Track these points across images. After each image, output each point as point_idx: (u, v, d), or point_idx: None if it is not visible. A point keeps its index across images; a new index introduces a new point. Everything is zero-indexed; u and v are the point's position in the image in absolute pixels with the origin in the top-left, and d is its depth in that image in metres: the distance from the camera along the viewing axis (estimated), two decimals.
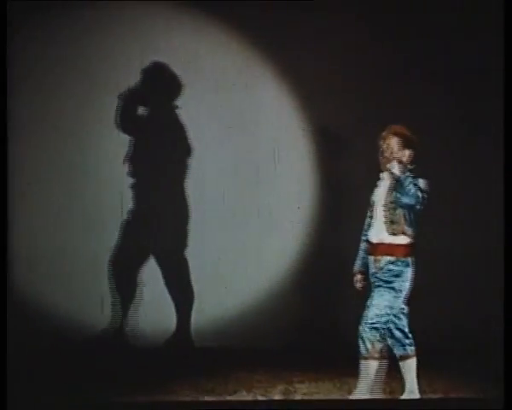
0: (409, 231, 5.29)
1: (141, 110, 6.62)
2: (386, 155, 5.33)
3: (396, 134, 5.33)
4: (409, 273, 5.30)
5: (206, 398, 5.65)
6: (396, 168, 5.27)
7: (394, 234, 5.28)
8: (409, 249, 5.30)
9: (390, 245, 5.31)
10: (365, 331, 5.28)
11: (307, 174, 6.86)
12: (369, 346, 5.30)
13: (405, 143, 5.32)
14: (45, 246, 6.61)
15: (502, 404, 4.59)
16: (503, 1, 5.07)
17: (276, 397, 5.65)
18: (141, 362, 6.41)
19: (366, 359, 5.30)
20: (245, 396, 5.74)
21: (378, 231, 5.33)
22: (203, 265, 6.72)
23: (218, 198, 6.73)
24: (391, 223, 5.29)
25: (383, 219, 5.31)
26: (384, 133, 5.36)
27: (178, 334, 6.78)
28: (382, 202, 5.33)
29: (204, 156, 6.69)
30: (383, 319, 5.27)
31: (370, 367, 5.32)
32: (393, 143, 5.32)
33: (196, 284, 6.72)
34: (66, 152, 6.61)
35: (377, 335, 5.27)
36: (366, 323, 5.27)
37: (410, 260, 5.31)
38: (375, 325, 5.27)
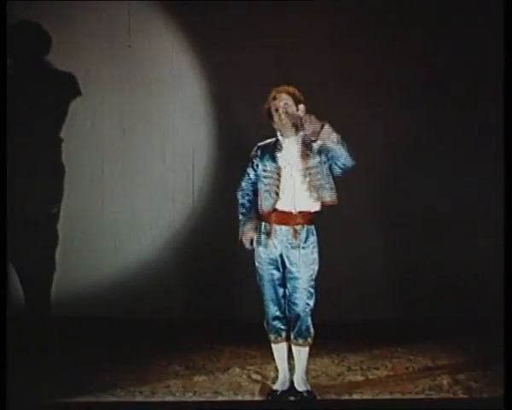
0: (334, 196, 4.83)
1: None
2: (289, 117, 4.77)
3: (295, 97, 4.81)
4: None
5: (197, 377, 5.29)
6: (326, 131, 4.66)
7: (320, 201, 4.81)
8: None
9: (309, 213, 4.83)
10: (309, 316, 4.89)
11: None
12: (312, 330, 4.94)
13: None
14: None
15: (502, 404, 4.29)
16: (503, 1, 4.77)
17: (271, 374, 5.28)
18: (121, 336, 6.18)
19: (308, 344, 4.95)
20: (238, 374, 5.38)
21: (298, 200, 4.79)
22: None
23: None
24: (317, 189, 4.77)
25: (306, 186, 4.77)
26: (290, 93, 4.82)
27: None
28: (300, 167, 4.79)
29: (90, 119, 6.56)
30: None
31: (306, 351, 4.97)
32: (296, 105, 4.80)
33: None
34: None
35: None
36: (310, 308, 4.87)
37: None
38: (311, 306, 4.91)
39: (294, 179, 4.79)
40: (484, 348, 5.84)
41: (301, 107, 4.79)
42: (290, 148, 4.82)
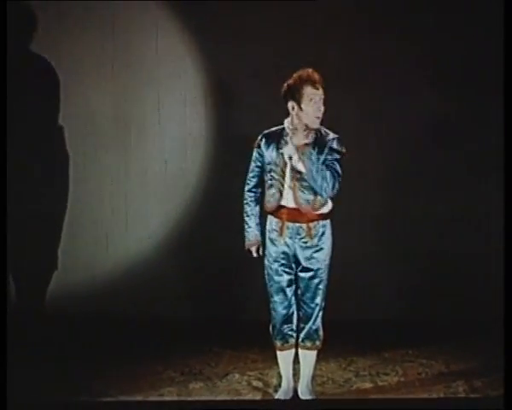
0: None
1: None
2: (317, 108, 4.38)
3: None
4: None
5: (193, 384, 4.91)
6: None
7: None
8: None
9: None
10: (320, 318, 4.57)
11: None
12: (321, 333, 4.61)
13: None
14: None
15: (502, 404, 4.09)
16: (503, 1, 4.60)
17: (274, 381, 4.91)
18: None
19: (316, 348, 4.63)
20: (238, 381, 5.01)
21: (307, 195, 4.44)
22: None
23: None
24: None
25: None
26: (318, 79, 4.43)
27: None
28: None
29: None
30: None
31: (314, 356, 4.64)
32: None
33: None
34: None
35: None
36: (322, 308, 4.56)
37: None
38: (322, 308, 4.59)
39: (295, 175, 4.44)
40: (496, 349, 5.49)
41: None
42: (296, 141, 4.40)
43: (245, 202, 4.63)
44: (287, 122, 4.46)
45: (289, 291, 4.52)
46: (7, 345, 4.20)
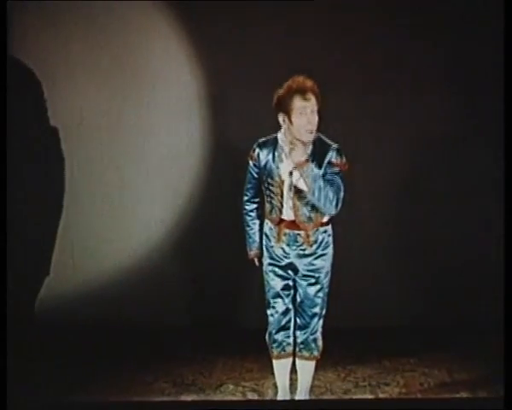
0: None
1: None
2: (307, 122, 4.13)
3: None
4: None
5: (185, 396, 4.71)
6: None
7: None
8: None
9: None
10: (319, 327, 4.40)
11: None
12: (320, 343, 4.43)
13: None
14: None
15: (502, 404, 4.03)
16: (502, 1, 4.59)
17: (269, 392, 4.73)
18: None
19: (314, 358, 4.45)
20: (232, 392, 4.80)
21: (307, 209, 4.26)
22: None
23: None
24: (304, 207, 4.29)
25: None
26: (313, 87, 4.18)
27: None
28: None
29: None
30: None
31: (312, 367, 4.47)
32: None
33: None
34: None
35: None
36: (321, 317, 4.39)
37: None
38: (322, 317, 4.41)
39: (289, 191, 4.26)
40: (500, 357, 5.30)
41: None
42: (296, 158, 4.15)
43: (244, 212, 4.46)
44: (280, 135, 4.26)
45: (286, 297, 4.34)
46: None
